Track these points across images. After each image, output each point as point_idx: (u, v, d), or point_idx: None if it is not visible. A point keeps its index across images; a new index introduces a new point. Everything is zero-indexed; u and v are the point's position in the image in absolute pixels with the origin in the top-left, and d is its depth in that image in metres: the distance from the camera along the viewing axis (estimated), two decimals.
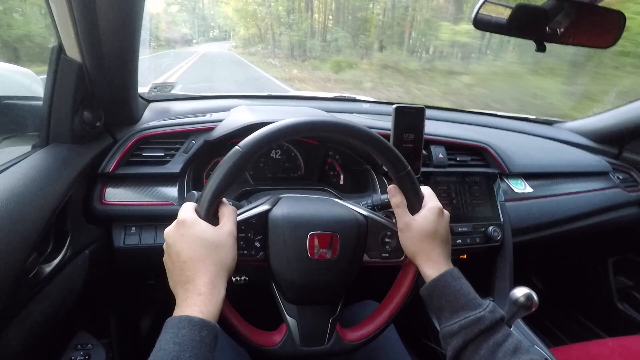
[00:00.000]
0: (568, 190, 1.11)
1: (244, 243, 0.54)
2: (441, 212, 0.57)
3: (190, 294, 0.44)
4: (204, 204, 0.49)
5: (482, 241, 0.92)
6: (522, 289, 0.63)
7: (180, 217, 0.49)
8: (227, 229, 0.49)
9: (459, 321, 0.49)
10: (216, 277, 0.45)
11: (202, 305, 0.43)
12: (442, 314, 0.52)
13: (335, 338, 0.58)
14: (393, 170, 0.56)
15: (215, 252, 0.46)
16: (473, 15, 0.79)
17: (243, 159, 0.49)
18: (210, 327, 0.41)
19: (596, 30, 0.83)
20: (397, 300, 0.61)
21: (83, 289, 0.72)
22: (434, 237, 0.55)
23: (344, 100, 1.27)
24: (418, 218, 0.56)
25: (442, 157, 0.93)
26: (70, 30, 0.62)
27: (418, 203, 0.58)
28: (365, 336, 0.59)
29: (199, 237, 0.47)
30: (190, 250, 0.46)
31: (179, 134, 0.83)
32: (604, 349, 0.87)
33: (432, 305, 0.54)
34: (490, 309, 0.49)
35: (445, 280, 0.52)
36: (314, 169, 0.95)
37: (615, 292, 1.31)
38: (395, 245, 0.59)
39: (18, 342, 0.54)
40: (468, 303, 0.50)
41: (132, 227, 0.77)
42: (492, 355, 0.46)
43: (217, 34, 39.32)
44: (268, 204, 0.57)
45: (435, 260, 0.54)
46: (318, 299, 0.58)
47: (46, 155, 0.66)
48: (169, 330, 0.41)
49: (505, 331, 0.49)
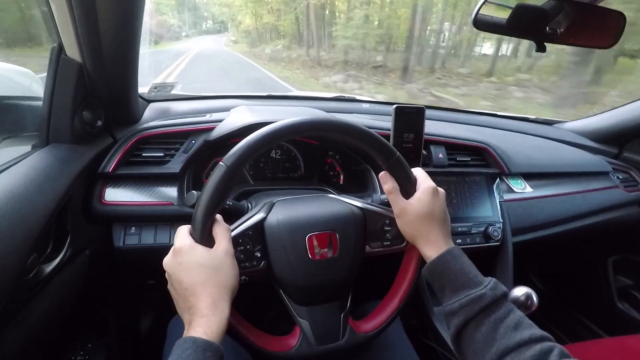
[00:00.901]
0: (568, 190, 1.11)
1: (244, 255, 0.54)
2: (435, 192, 0.56)
3: (194, 318, 0.44)
4: (197, 227, 0.49)
5: (482, 241, 0.92)
6: (522, 288, 0.63)
7: (176, 246, 0.49)
8: (223, 249, 0.49)
9: (460, 300, 0.48)
10: (218, 298, 0.45)
11: (206, 326, 0.43)
12: (444, 293, 0.52)
13: (349, 332, 0.58)
14: (382, 158, 0.56)
15: (214, 275, 0.47)
16: (473, 16, 0.79)
17: (228, 174, 0.49)
18: (214, 348, 0.42)
19: (596, 30, 0.83)
20: (405, 286, 0.61)
21: (83, 289, 0.72)
22: (430, 218, 0.55)
23: (344, 100, 1.27)
24: (412, 201, 0.56)
25: (442, 157, 0.93)
26: (70, 30, 0.62)
27: (411, 187, 0.57)
28: (378, 326, 0.59)
29: (196, 263, 0.47)
30: (189, 277, 0.46)
31: (179, 134, 0.83)
32: (604, 348, 0.87)
33: (434, 284, 0.54)
34: (492, 286, 0.49)
35: (445, 260, 0.52)
36: (314, 169, 0.95)
37: (615, 291, 1.31)
38: (395, 233, 0.59)
39: (18, 342, 0.54)
40: (469, 281, 0.50)
41: (132, 227, 0.77)
42: (493, 331, 0.46)
43: (211, 26, 34.05)
44: (263, 212, 0.57)
45: (435, 241, 0.54)
46: (326, 297, 0.58)
47: (46, 155, 0.66)
48: (175, 352, 0.41)
49: (507, 307, 0.48)
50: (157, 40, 20.19)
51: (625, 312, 1.27)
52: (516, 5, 0.77)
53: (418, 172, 0.59)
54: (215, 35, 31.74)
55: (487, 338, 0.46)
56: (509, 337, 0.45)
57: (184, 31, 31.28)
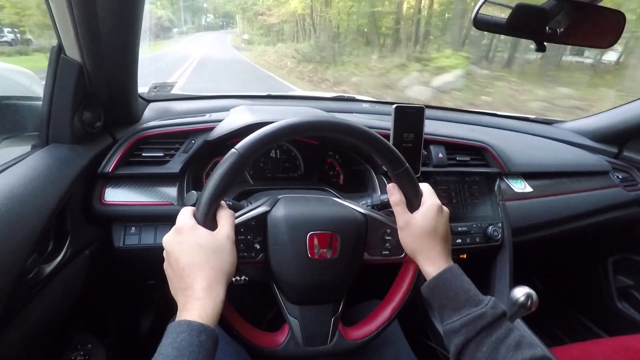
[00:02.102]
0: (568, 190, 1.10)
1: (243, 245, 0.54)
2: (440, 210, 0.57)
3: (189, 300, 0.44)
4: (201, 209, 0.49)
5: (482, 241, 0.92)
6: (523, 288, 0.63)
7: (178, 224, 0.49)
8: (225, 233, 0.49)
9: (461, 318, 0.49)
10: (215, 281, 0.45)
11: (201, 309, 0.43)
12: (444, 311, 0.52)
13: (338, 337, 0.58)
14: (391, 167, 0.56)
15: (213, 258, 0.47)
16: (473, 16, 0.79)
17: (240, 162, 0.49)
18: (208, 331, 0.42)
19: (596, 30, 0.82)
20: (399, 298, 0.61)
21: (83, 289, 0.72)
22: (434, 235, 0.55)
23: (344, 100, 1.27)
24: (418, 216, 0.56)
25: (442, 157, 0.93)
26: (70, 30, 0.62)
27: (417, 200, 0.58)
28: (367, 334, 0.59)
29: (197, 244, 0.47)
30: (188, 257, 0.46)
31: (179, 134, 0.83)
32: (604, 348, 0.87)
33: (433, 303, 0.54)
34: (492, 304, 0.49)
35: (446, 277, 0.52)
36: (314, 169, 0.95)
37: (615, 292, 1.31)
38: (395, 243, 0.59)
39: (18, 342, 0.54)
40: (469, 300, 0.50)
41: (132, 227, 0.77)
42: (494, 351, 0.46)
43: (212, 21, 25.55)
44: (267, 205, 0.57)
45: (436, 258, 0.54)
46: (320, 298, 0.58)
47: (46, 156, 0.66)
48: (169, 335, 0.41)
49: (507, 326, 0.49)
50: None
51: (625, 312, 1.27)
52: (516, 5, 0.77)
53: (424, 187, 0.59)
54: (217, 32, 23.24)
55: (488, 358, 0.46)
56: (511, 357, 0.45)
57: (176, 26, 21.63)
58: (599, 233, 1.25)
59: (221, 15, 24.64)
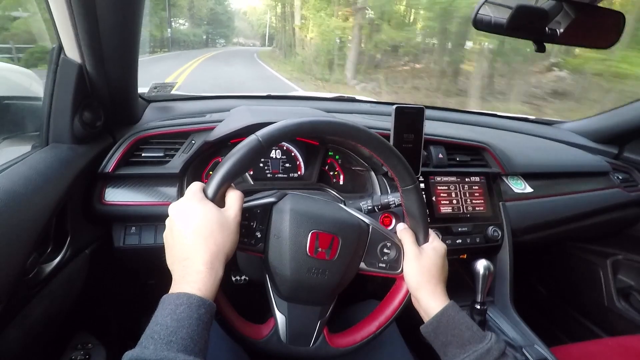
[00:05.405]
0: (568, 190, 1.11)
1: (245, 230, 0.54)
2: (445, 252, 0.60)
3: (188, 271, 0.44)
4: (212, 186, 0.49)
5: (482, 241, 0.92)
6: (481, 261, 0.77)
7: (188, 194, 0.49)
8: (232, 213, 0.49)
9: (467, 355, 0.49)
10: (215, 257, 0.45)
11: (201, 283, 0.43)
12: (448, 349, 0.52)
13: (321, 341, 0.58)
14: (401, 182, 0.58)
15: (217, 233, 0.46)
16: (473, 16, 0.79)
17: (259, 148, 0.49)
18: (207, 306, 0.41)
19: (596, 30, 0.83)
20: (388, 314, 0.61)
21: (83, 289, 0.72)
22: (441, 272, 0.58)
23: (344, 101, 1.27)
24: (429, 250, 0.59)
25: (442, 157, 0.93)
26: (70, 30, 0.62)
27: (424, 232, 0.60)
28: (351, 344, 0.60)
29: (204, 215, 0.47)
30: (193, 227, 0.46)
31: (179, 134, 0.83)
32: (604, 348, 0.87)
33: (436, 340, 0.54)
34: (495, 339, 0.50)
35: (449, 314, 0.53)
36: (313, 169, 0.95)
37: (615, 292, 1.31)
38: (393, 258, 0.59)
39: (18, 342, 0.54)
40: (473, 336, 0.51)
41: (132, 227, 0.77)
42: None
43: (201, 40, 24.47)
44: (274, 197, 0.57)
45: (440, 294, 0.56)
46: (310, 298, 0.58)
47: (46, 156, 0.66)
48: (167, 306, 0.41)
49: (512, 358, 0.50)
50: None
51: (625, 312, 1.27)
52: (516, 5, 0.77)
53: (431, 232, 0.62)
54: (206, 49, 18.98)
55: None
56: None
57: (149, 47, 16.09)
58: (599, 233, 1.25)
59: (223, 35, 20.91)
